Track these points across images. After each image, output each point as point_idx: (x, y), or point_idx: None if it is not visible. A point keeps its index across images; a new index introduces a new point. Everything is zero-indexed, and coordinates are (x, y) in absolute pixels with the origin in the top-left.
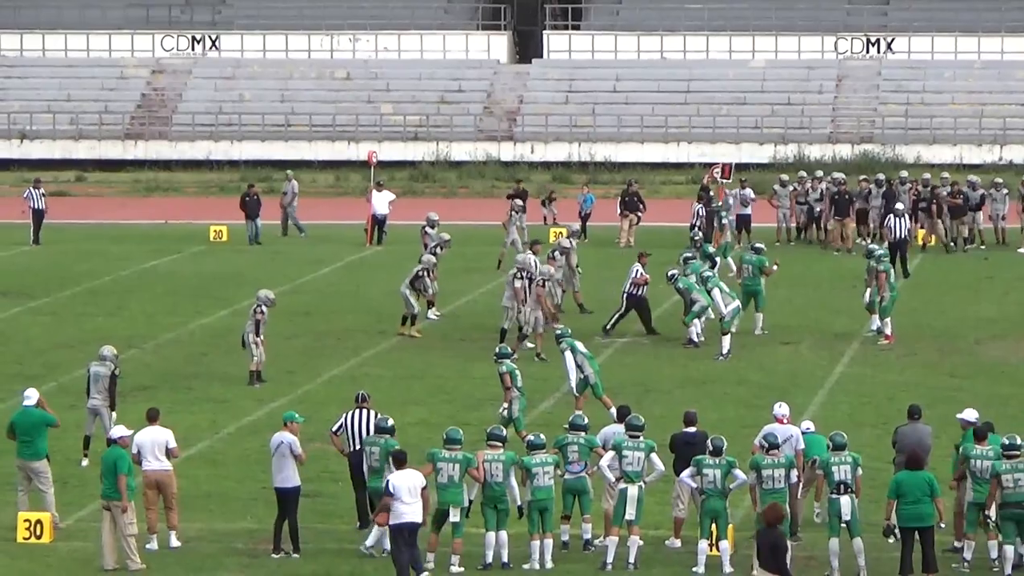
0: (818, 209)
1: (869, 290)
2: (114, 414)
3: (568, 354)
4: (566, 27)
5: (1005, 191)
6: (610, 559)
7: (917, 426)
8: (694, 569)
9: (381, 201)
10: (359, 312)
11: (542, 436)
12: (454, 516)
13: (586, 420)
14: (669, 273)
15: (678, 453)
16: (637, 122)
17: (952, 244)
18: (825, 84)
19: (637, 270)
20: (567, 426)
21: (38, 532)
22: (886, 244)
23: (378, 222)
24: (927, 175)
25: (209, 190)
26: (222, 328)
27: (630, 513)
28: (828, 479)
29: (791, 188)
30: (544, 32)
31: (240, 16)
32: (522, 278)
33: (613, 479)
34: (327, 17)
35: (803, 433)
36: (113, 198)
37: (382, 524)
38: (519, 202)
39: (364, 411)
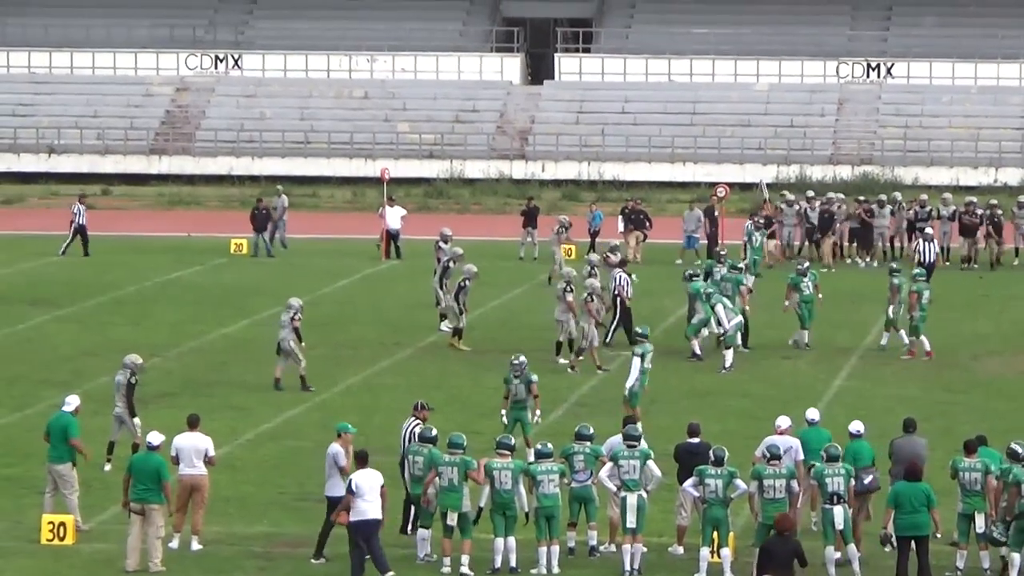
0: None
1: (892, 306)
2: (136, 420)
3: (637, 360)
4: (577, 50)
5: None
6: (627, 567)
7: (912, 439)
8: (696, 575)
9: (393, 216)
10: (375, 324)
11: (549, 445)
12: (451, 520)
13: (591, 430)
14: (687, 273)
15: (681, 463)
16: (645, 142)
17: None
18: (827, 107)
19: (620, 277)
20: (574, 436)
21: (61, 534)
22: (917, 263)
23: (392, 237)
24: (924, 196)
25: (230, 204)
26: (242, 338)
27: (631, 521)
28: (822, 490)
29: (796, 208)
30: (556, 55)
31: (262, 36)
32: (572, 291)
33: (614, 488)
34: (346, 38)
35: (810, 424)
36: (138, 211)
37: (343, 523)
38: (565, 218)
39: (416, 420)
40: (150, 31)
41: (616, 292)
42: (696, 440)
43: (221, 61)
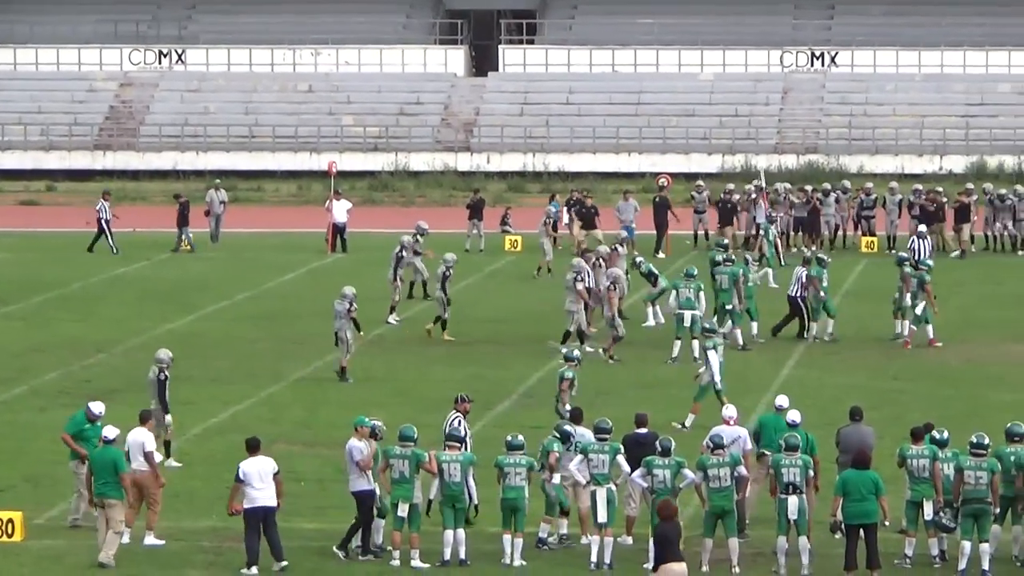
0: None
1: (901, 295)
2: (168, 417)
3: (713, 353)
4: (521, 42)
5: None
6: (593, 558)
7: (859, 427)
8: (645, 566)
9: (339, 209)
10: (322, 317)
11: (520, 437)
12: (401, 511)
13: (610, 423)
14: (637, 260)
15: (629, 453)
16: (589, 133)
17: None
18: (771, 96)
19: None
20: (593, 430)
21: (10, 531)
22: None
23: (338, 230)
24: (869, 184)
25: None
26: (188, 333)
27: (600, 515)
28: (778, 479)
29: (738, 197)
30: (499, 47)
31: (205, 31)
32: (582, 279)
33: (584, 481)
34: (290, 32)
35: (777, 410)
36: (83, 207)
37: (237, 511)
38: (552, 209)
39: (456, 413)
40: (94, 27)
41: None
42: (644, 430)
43: (165, 56)
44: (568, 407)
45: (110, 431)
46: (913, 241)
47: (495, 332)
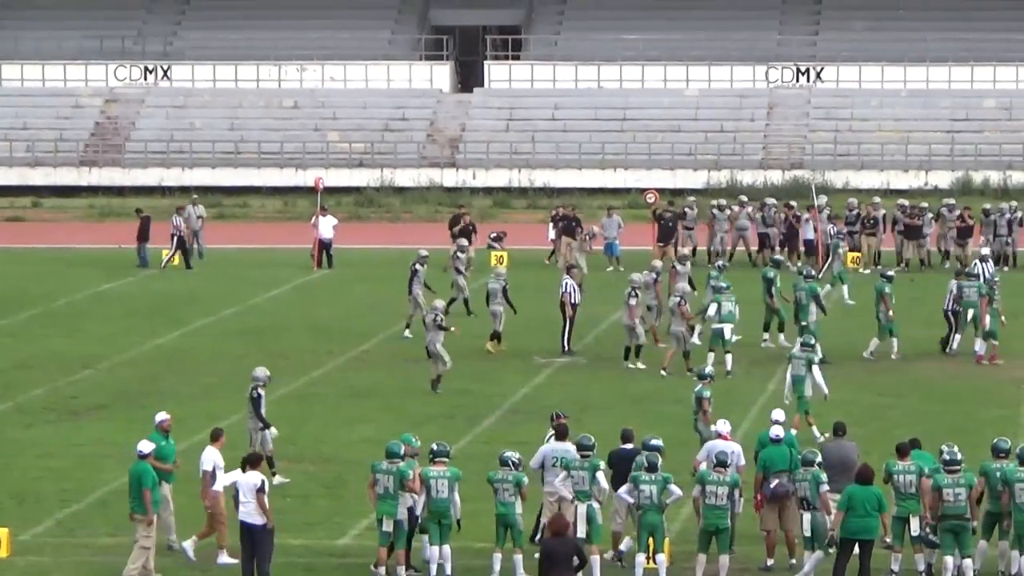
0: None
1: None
2: (267, 432)
3: (816, 368)
4: (506, 57)
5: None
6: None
7: (841, 443)
8: None
9: (325, 226)
10: (308, 333)
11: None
12: (386, 526)
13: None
14: (806, 271)
15: (615, 469)
16: (575, 149)
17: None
18: (757, 112)
19: (568, 283)
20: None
21: None
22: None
23: (324, 246)
24: (852, 199)
25: (161, 215)
26: (175, 348)
27: (580, 531)
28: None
29: (728, 213)
30: (485, 62)
31: (191, 47)
32: (637, 296)
33: (570, 497)
34: (275, 48)
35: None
36: (69, 223)
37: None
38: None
39: (553, 432)
40: (79, 43)
41: (563, 298)
42: (630, 446)
43: (150, 72)
44: (712, 426)
45: (145, 446)
46: (976, 265)
47: (482, 347)
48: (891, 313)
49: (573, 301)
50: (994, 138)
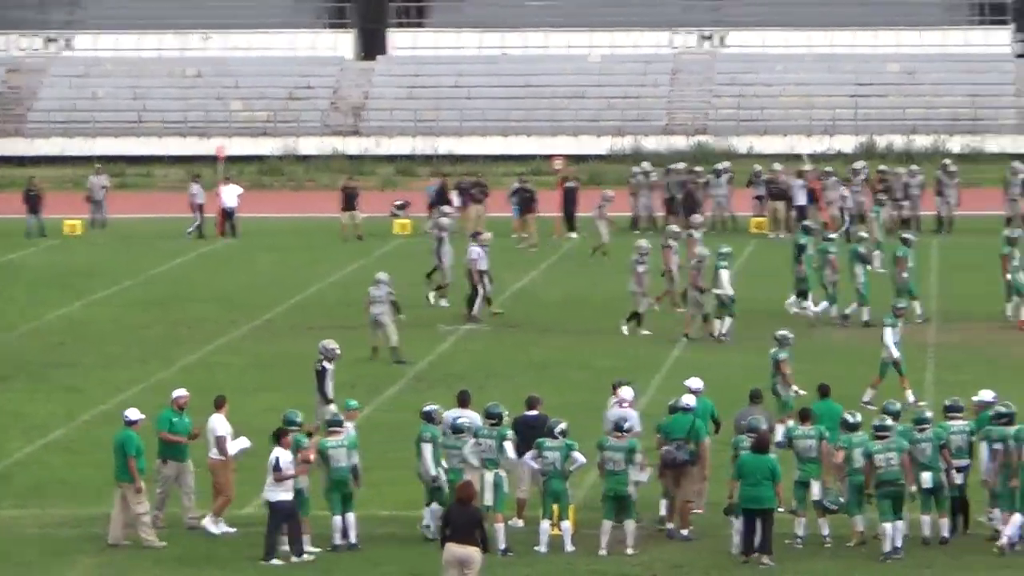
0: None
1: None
2: (328, 408)
3: (888, 331)
4: (410, 25)
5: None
6: (500, 545)
7: (752, 409)
8: (537, 548)
9: (229, 194)
10: (211, 302)
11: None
12: None
13: (501, 408)
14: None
15: (521, 436)
16: (479, 116)
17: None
18: (660, 78)
19: (474, 250)
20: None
21: None
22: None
23: (227, 215)
24: (757, 165)
25: (64, 185)
26: (78, 319)
27: (487, 499)
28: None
29: (653, 177)
30: (388, 30)
31: (93, 16)
32: (644, 262)
33: (478, 464)
34: (178, 17)
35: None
36: None
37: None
38: (609, 192)
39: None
40: None
41: (469, 266)
42: (535, 412)
43: (52, 42)
44: (796, 389)
45: (132, 413)
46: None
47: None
48: (905, 275)
49: (479, 267)
50: (898, 102)
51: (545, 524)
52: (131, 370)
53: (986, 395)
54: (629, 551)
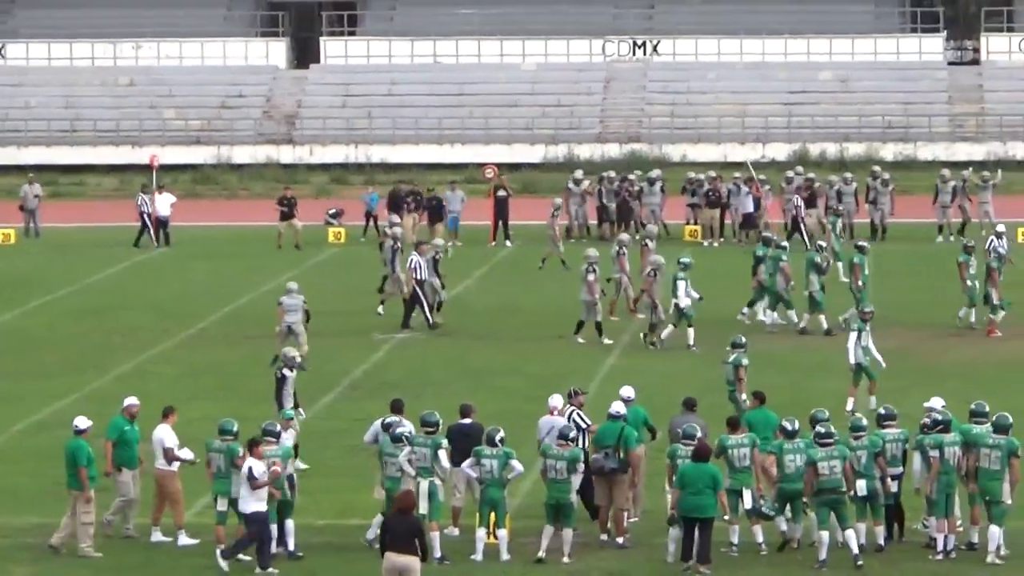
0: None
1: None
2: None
3: (852, 336)
4: (343, 33)
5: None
6: (436, 554)
7: (687, 417)
8: (472, 556)
9: (163, 203)
10: (145, 311)
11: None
12: (220, 505)
13: (436, 416)
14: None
15: (454, 444)
16: (412, 124)
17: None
18: (593, 86)
19: (414, 259)
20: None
21: None
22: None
23: (161, 224)
24: (690, 173)
25: None
26: (11, 328)
27: (422, 508)
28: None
29: (585, 186)
30: (321, 38)
31: (25, 25)
32: (594, 271)
33: (413, 473)
34: (110, 26)
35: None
36: None
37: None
38: (558, 200)
39: (572, 407)
40: None
41: (410, 275)
42: (469, 421)
43: None
44: (744, 396)
45: (81, 422)
46: (992, 240)
47: (319, 324)
48: (860, 283)
49: (418, 277)
50: (831, 110)
51: (481, 532)
52: (66, 379)
53: (936, 402)
54: (565, 559)
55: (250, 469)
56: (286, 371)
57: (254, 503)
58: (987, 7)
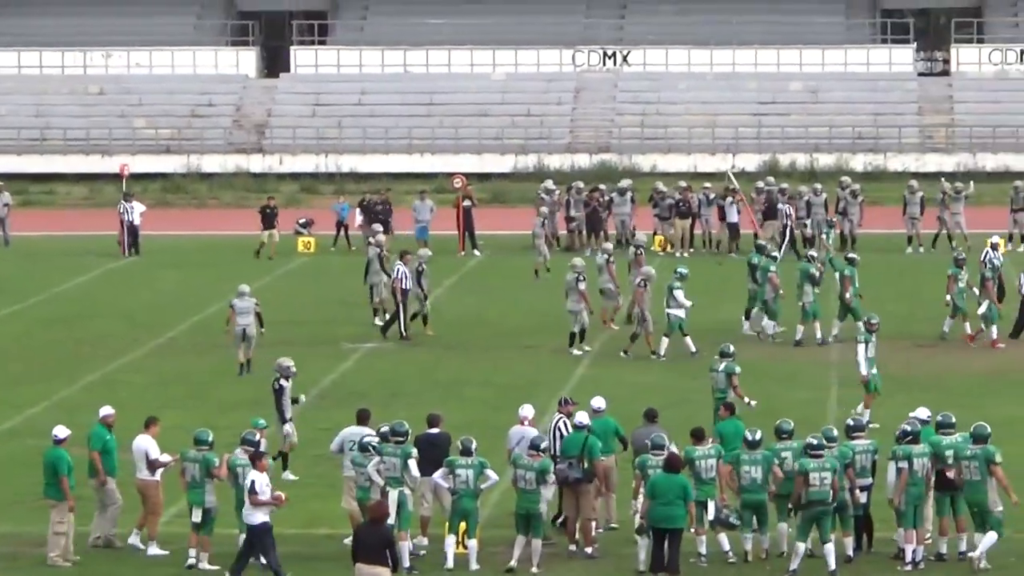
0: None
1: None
2: (285, 427)
3: (861, 347)
4: (313, 43)
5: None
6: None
7: (649, 428)
8: (445, 566)
9: (132, 212)
10: (115, 320)
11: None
12: (195, 516)
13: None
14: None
15: (422, 454)
16: (382, 134)
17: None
18: (563, 96)
19: (399, 269)
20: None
21: None
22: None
23: (131, 232)
24: (659, 183)
25: None
26: None
27: (391, 518)
28: (646, 481)
29: (556, 195)
30: (291, 48)
31: None
32: (584, 280)
33: (381, 483)
34: (80, 34)
35: (595, 413)
36: None
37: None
38: (545, 209)
39: (561, 416)
40: None
41: (394, 284)
42: (436, 430)
43: None
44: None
45: (60, 431)
46: (987, 252)
47: (288, 334)
48: (848, 295)
49: (404, 287)
50: (800, 121)
51: (451, 540)
52: (35, 387)
53: (921, 412)
54: (534, 569)
55: (252, 483)
56: (283, 382)
57: (258, 515)
58: (957, 19)
